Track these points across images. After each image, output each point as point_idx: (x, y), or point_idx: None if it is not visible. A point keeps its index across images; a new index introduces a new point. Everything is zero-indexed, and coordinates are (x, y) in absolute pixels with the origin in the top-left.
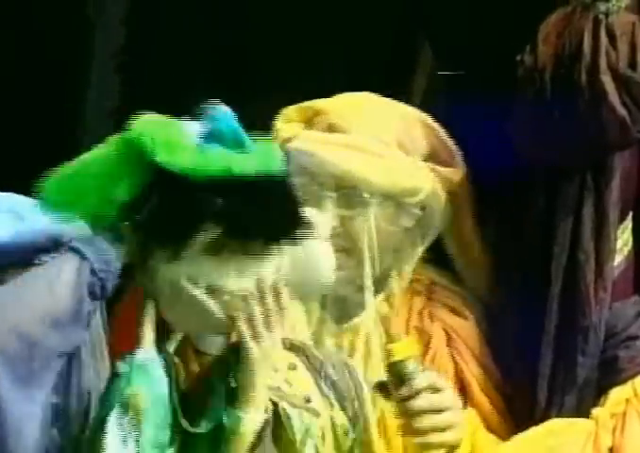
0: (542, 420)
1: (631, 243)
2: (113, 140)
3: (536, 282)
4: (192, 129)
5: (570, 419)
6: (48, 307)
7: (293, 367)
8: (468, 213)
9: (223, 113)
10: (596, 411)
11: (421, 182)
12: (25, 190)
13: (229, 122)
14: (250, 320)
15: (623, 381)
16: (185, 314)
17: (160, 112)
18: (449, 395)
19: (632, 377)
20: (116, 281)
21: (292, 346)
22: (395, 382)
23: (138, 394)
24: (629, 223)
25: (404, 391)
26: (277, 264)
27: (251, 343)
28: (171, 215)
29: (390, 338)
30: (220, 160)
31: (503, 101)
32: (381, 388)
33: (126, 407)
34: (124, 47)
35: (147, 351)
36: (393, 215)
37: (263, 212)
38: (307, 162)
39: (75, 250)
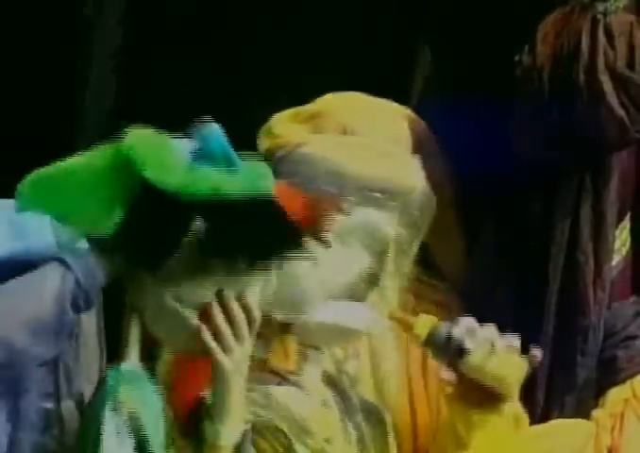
0: (541, 420)
1: (629, 244)
2: (103, 149)
3: (534, 282)
4: (182, 147)
5: (570, 420)
6: (30, 314)
7: (324, 403)
8: (451, 208)
9: (213, 132)
10: (596, 413)
11: (419, 181)
12: None
13: (220, 141)
14: (218, 333)
15: (622, 381)
16: (169, 329)
17: (157, 112)
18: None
19: (631, 376)
20: (100, 294)
21: (328, 380)
22: (444, 351)
23: (130, 394)
24: (627, 223)
25: (456, 332)
26: (263, 284)
27: (221, 357)
28: (153, 232)
29: (406, 326)
30: (208, 180)
31: (503, 101)
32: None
33: (119, 406)
34: (122, 47)
35: (133, 363)
36: (399, 215)
37: (248, 233)
38: (329, 168)
39: (60, 260)
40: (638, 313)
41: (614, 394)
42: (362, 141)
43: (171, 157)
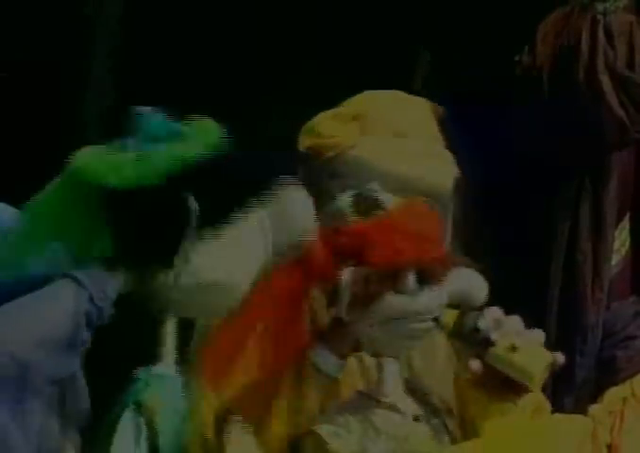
0: None
1: (628, 244)
2: (57, 180)
3: (535, 282)
4: (124, 144)
5: (568, 415)
6: (45, 332)
7: (416, 418)
8: (469, 207)
9: (146, 113)
10: (592, 409)
11: (455, 180)
12: (21, 190)
13: (154, 118)
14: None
15: (621, 381)
16: (206, 304)
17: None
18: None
19: (631, 376)
20: (112, 310)
21: (414, 391)
22: (470, 341)
23: (154, 398)
24: (626, 223)
25: (483, 323)
26: (261, 225)
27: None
28: (145, 231)
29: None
30: (163, 159)
31: (503, 101)
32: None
33: (140, 408)
34: (122, 47)
35: (167, 366)
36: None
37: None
38: (380, 171)
39: (72, 277)
40: (638, 313)
41: (613, 393)
42: (409, 142)
43: (117, 157)
